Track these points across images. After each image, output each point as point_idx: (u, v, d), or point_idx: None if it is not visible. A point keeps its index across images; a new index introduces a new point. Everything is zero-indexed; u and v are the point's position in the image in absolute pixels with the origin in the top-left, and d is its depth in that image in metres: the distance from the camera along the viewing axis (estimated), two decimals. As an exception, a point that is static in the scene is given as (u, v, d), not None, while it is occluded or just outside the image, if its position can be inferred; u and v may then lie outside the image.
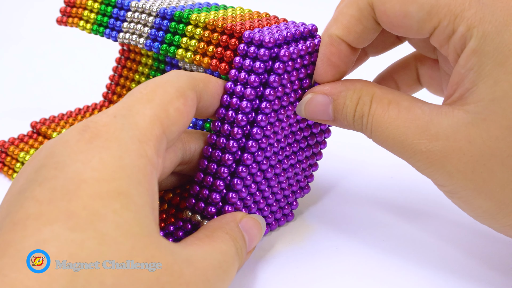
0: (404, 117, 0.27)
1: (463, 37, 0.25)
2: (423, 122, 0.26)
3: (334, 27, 0.28)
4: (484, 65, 0.25)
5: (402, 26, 0.27)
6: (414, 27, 0.26)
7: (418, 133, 0.26)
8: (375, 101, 0.28)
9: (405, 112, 0.27)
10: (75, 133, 0.23)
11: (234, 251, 0.26)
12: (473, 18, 0.25)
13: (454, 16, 0.25)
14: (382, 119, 0.27)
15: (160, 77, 0.26)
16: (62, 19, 0.40)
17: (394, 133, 0.27)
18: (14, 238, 0.20)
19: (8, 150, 0.40)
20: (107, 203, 0.21)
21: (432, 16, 0.26)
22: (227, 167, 0.29)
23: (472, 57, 0.25)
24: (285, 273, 0.30)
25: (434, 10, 0.26)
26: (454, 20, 0.25)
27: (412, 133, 0.26)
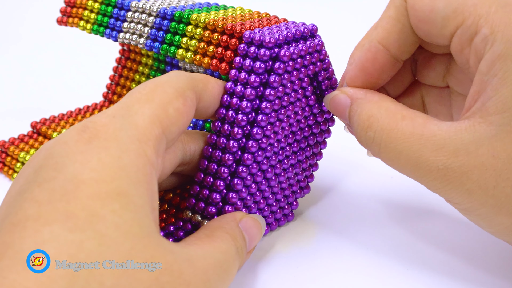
0: (419, 133, 0.26)
1: (486, 40, 0.24)
2: (440, 139, 0.25)
3: (375, 32, 0.28)
4: (510, 70, 0.24)
5: (427, 21, 0.26)
6: (439, 23, 0.26)
7: (435, 150, 0.25)
8: (387, 115, 0.27)
9: (420, 128, 0.26)
10: (74, 133, 0.23)
11: (234, 251, 0.26)
12: (498, 22, 0.24)
13: (479, 17, 0.25)
14: (395, 134, 0.26)
15: (159, 77, 0.26)
16: (62, 19, 0.40)
17: (408, 150, 0.26)
18: (13, 239, 0.20)
19: (8, 150, 0.40)
20: (106, 203, 0.21)
21: (457, 14, 0.25)
22: (227, 167, 0.29)
23: (497, 62, 0.24)
24: (285, 273, 0.30)
25: (460, 8, 0.25)
26: (478, 20, 0.25)
27: (428, 150, 0.25)
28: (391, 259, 0.31)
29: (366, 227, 0.34)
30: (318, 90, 0.32)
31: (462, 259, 0.31)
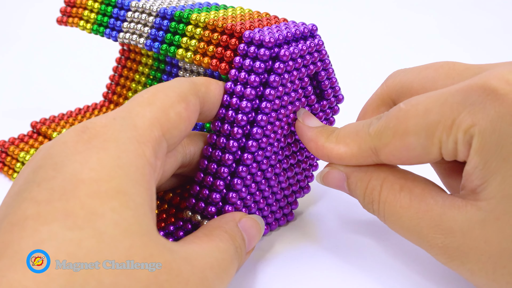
0: (416, 206, 0.26)
1: (466, 142, 0.24)
2: (436, 214, 0.25)
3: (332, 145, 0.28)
4: (489, 162, 0.24)
5: (410, 158, 0.26)
6: (422, 154, 0.25)
7: (433, 226, 0.25)
8: (385, 187, 0.27)
9: (417, 201, 0.26)
10: (73, 134, 0.23)
11: (233, 250, 0.26)
12: (466, 120, 0.24)
13: (449, 128, 0.24)
14: (394, 208, 0.26)
15: (162, 83, 0.26)
16: (62, 19, 0.41)
17: (408, 224, 0.26)
18: (12, 239, 0.20)
19: (8, 150, 0.40)
20: (106, 201, 0.21)
21: (431, 138, 0.25)
22: (227, 167, 0.29)
23: (475, 156, 0.24)
24: (285, 273, 0.30)
25: (429, 131, 0.25)
26: (450, 132, 0.24)
27: (426, 225, 0.25)
28: (391, 259, 0.31)
29: (366, 227, 0.34)
30: (318, 90, 0.32)
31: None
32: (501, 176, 0.23)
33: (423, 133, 0.25)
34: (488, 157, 0.24)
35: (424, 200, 0.26)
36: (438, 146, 0.25)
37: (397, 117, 0.26)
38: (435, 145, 0.25)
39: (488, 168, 0.24)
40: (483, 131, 0.23)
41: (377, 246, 0.32)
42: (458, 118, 0.24)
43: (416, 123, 0.25)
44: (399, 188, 0.27)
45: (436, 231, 0.25)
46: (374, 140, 0.27)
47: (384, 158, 0.27)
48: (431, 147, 0.25)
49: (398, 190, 0.27)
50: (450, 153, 0.25)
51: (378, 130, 0.27)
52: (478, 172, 0.24)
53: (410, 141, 0.25)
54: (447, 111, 0.24)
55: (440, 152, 0.25)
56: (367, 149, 0.27)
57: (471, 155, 0.24)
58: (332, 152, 0.29)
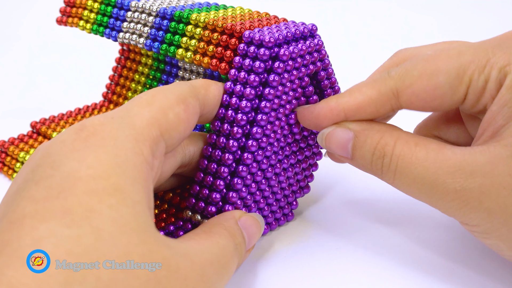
0: (433, 157, 0.26)
1: (497, 80, 0.25)
2: (455, 161, 0.25)
3: (345, 99, 0.28)
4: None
5: (434, 99, 0.26)
6: (448, 94, 0.26)
7: (451, 172, 0.25)
8: (400, 142, 0.27)
9: (434, 153, 0.26)
10: (71, 132, 0.23)
11: (232, 246, 0.26)
12: (502, 60, 0.25)
13: (483, 67, 0.25)
14: (409, 160, 0.26)
15: (162, 86, 0.27)
16: (62, 19, 0.40)
17: (424, 173, 0.26)
18: (11, 237, 0.20)
19: (8, 150, 0.40)
20: (103, 199, 0.21)
21: (461, 78, 0.26)
22: (227, 166, 0.29)
23: (506, 93, 0.25)
24: (285, 273, 0.30)
25: (461, 71, 0.26)
26: (483, 70, 0.25)
27: (444, 173, 0.25)
28: (390, 259, 0.31)
29: (365, 227, 0.34)
30: (318, 90, 0.32)
31: (464, 259, 0.31)
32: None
33: (454, 72, 0.26)
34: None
35: (441, 151, 0.26)
36: (466, 85, 0.26)
37: (426, 60, 0.27)
38: (464, 83, 0.26)
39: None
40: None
41: (377, 246, 0.32)
42: (494, 57, 0.25)
43: (447, 63, 0.26)
44: (414, 144, 0.26)
45: (454, 176, 0.25)
46: (397, 82, 0.27)
47: (406, 99, 0.27)
48: (460, 86, 0.26)
49: (413, 145, 0.26)
50: (477, 93, 0.26)
51: (402, 72, 0.27)
52: (507, 110, 0.24)
53: (439, 80, 0.26)
54: (482, 53, 0.26)
55: (466, 92, 0.26)
56: (387, 91, 0.27)
57: (501, 92, 0.25)
58: (349, 104, 0.28)
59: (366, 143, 0.28)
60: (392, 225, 0.34)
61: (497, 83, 0.25)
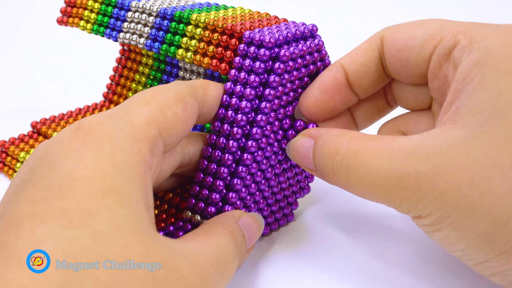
0: (388, 147, 0.25)
1: (463, 50, 0.25)
2: (411, 148, 0.24)
3: (342, 58, 0.30)
4: (486, 76, 0.24)
5: (405, 48, 0.28)
6: (417, 47, 0.27)
7: (406, 157, 0.24)
8: (353, 139, 0.26)
9: (389, 143, 0.25)
10: (69, 132, 0.23)
11: (233, 246, 0.26)
12: (476, 34, 0.25)
13: (457, 32, 0.26)
14: (363, 153, 0.25)
15: (160, 85, 0.27)
16: (63, 19, 0.41)
17: (378, 164, 0.25)
18: (8, 238, 0.20)
19: (8, 150, 0.40)
20: (101, 200, 0.21)
21: (435, 36, 0.27)
22: (227, 167, 0.29)
23: (474, 69, 0.24)
24: (285, 273, 0.30)
25: (438, 30, 0.27)
26: (456, 35, 0.26)
27: (398, 160, 0.24)
28: (391, 259, 0.31)
29: (365, 227, 0.34)
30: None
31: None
32: (496, 91, 0.24)
33: (432, 29, 0.27)
34: (486, 71, 0.24)
35: (396, 140, 0.25)
36: (435, 44, 0.27)
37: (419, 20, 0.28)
38: (434, 42, 0.27)
39: (482, 82, 0.24)
40: (490, 46, 0.25)
41: (378, 246, 0.32)
42: (471, 30, 0.26)
43: (431, 22, 0.28)
44: (368, 139, 0.26)
45: (409, 161, 0.24)
46: (385, 30, 0.29)
47: (386, 45, 0.28)
48: (430, 43, 0.27)
49: (367, 140, 0.26)
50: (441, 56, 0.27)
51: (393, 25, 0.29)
52: (471, 87, 0.24)
53: (416, 32, 0.27)
54: (464, 23, 0.27)
55: (432, 52, 0.27)
56: (376, 38, 0.29)
57: (467, 67, 0.25)
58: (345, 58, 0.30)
59: (322, 147, 0.27)
60: (392, 225, 0.34)
61: (461, 52, 0.25)
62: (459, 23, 0.27)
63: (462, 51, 0.25)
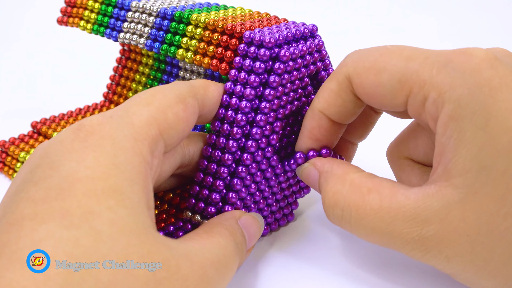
0: (387, 206, 0.25)
1: (435, 103, 0.24)
2: (410, 209, 0.24)
3: (316, 101, 0.29)
4: (463, 131, 0.23)
5: (377, 96, 0.26)
6: (388, 96, 0.26)
7: (407, 221, 0.24)
8: (353, 190, 0.26)
9: (388, 200, 0.25)
10: (70, 132, 0.23)
11: (233, 246, 0.26)
12: (443, 83, 0.24)
13: (424, 83, 0.24)
14: (363, 210, 0.25)
15: (160, 86, 0.27)
16: (63, 19, 0.41)
17: (380, 225, 0.25)
18: (10, 239, 0.20)
19: (8, 150, 0.40)
20: (102, 200, 0.21)
21: (403, 84, 0.25)
22: (226, 167, 0.29)
23: (450, 123, 0.24)
24: (285, 273, 0.30)
25: (404, 78, 0.25)
26: (424, 86, 0.24)
27: (400, 222, 0.24)
28: (391, 259, 0.31)
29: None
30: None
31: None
32: (477, 146, 0.23)
33: (397, 75, 0.25)
34: (463, 125, 0.23)
35: (394, 198, 0.25)
36: (406, 94, 0.25)
37: (380, 53, 0.26)
38: (404, 92, 0.25)
39: (462, 137, 0.23)
40: (461, 97, 0.23)
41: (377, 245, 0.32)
42: (436, 77, 0.24)
43: (395, 64, 0.25)
44: (367, 191, 0.26)
45: (411, 225, 0.24)
46: (350, 69, 0.27)
47: (355, 88, 0.27)
48: (400, 91, 0.25)
49: (366, 193, 0.26)
50: (416, 107, 0.25)
51: (356, 59, 0.27)
52: (453, 142, 0.24)
53: (383, 79, 0.25)
54: (427, 67, 0.24)
55: (406, 101, 0.25)
56: (344, 79, 0.27)
57: (444, 121, 0.24)
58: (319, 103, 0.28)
59: (323, 187, 0.28)
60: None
61: (434, 106, 0.24)
62: (424, 65, 0.25)
63: (434, 105, 0.24)
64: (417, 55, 0.25)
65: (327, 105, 0.28)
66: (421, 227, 0.24)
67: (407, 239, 0.25)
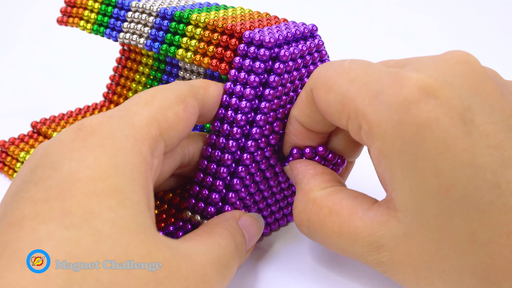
0: (346, 231, 0.26)
1: (367, 135, 0.24)
2: (366, 235, 0.25)
3: (293, 106, 0.29)
4: (394, 169, 0.23)
5: (327, 113, 0.26)
6: (335, 116, 0.26)
7: (366, 246, 0.25)
8: (315, 211, 0.27)
9: (347, 225, 0.26)
10: (70, 132, 0.23)
11: (233, 246, 0.26)
12: (372, 116, 0.23)
13: (357, 111, 0.24)
14: (326, 233, 0.26)
15: (161, 86, 0.27)
16: (63, 19, 0.41)
17: (344, 245, 0.26)
18: (10, 239, 0.20)
19: (8, 150, 0.40)
20: (102, 200, 0.21)
21: (343, 107, 0.25)
22: (226, 167, 0.29)
23: (381, 158, 0.24)
24: (285, 273, 0.30)
25: (344, 101, 0.25)
26: (357, 115, 0.24)
27: (359, 246, 0.25)
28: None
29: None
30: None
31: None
32: (409, 187, 0.23)
33: (340, 97, 0.25)
34: (393, 163, 0.23)
35: (352, 223, 0.25)
36: (346, 118, 0.25)
37: (334, 70, 0.25)
38: (345, 115, 0.25)
39: (394, 175, 0.23)
40: (386, 135, 0.23)
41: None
42: (368, 108, 0.24)
43: (341, 85, 0.25)
44: (328, 212, 0.26)
45: (369, 250, 0.25)
46: (311, 82, 0.27)
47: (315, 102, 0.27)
48: (342, 114, 0.25)
49: (327, 215, 0.26)
50: (355, 132, 0.25)
51: (316, 74, 0.27)
52: (388, 177, 0.24)
53: (331, 98, 0.25)
54: (362, 94, 0.24)
55: (347, 124, 0.25)
56: (309, 90, 0.27)
57: (376, 156, 0.24)
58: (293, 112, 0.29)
59: (293, 204, 0.28)
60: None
61: (366, 138, 0.24)
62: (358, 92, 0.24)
63: (366, 136, 0.24)
64: (359, 78, 0.24)
65: (298, 112, 0.29)
66: (377, 252, 0.25)
67: (367, 261, 0.26)
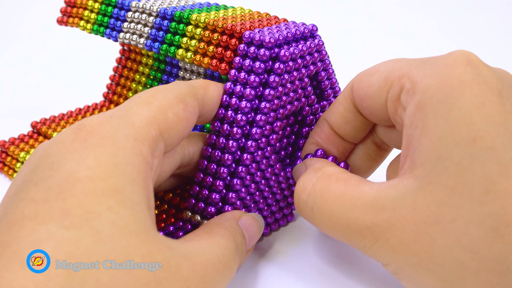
0: (350, 194, 0.25)
1: (408, 93, 0.25)
2: (370, 197, 0.25)
3: (326, 112, 0.31)
4: (428, 119, 0.23)
5: (366, 97, 0.27)
6: (376, 95, 0.27)
7: (364, 208, 0.24)
8: (322, 178, 0.27)
9: (351, 188, 0.25)
10: (70, 133, 0.23)
11: (233, 246, 0.26)
12: (417, 74, 0.25)
13: (402, 76, 0.26)
14: (327, 196, 0.26)
15: (161, 86, 0.27)
16: (63, 19, 0.41)
17: (339, 210, 0.25)
18: (10, 239, 0.20)
19: (8, 150, 0.40)
20: (102, 200, 0.21)
21: (387, 81, 0.26)
22: (226, 167, 0.29)
23: (417, 113, 0.24)
24: (285, 273, 0.30)
25: (388, 75, 0.26)
26: (401, 78, 0.26)
27: (358, 209, 0.25)
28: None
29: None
30: (318, 90, 0.32)
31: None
32: (437, 135, 0.23)
33: (384, 74, 0.27)
34: (427, 114, 0.24)
35: (359, 187, 0.25)
36: (387, 90, 0.26)
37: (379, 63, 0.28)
38: (387, 87, 0.26)
39: (425, 126, 0.24)
40: (429, 87, 0.24)
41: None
42: (414, 69, 0.25)
43: (384, 66, 0.27)
44: (336, 179, 0.26)
45: (366, 212, 0.24)
46: (355, 79, 0.29)
47: (354, 97, 0.29)
48: (384, 89, 0.27)
49: (334, 181, 0.26)
50: (393, 102, 0.26)
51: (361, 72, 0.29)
52: (418, 132, 0.24)
53: (373, 79, 0.27)
54: (410, 62, 0.26)
55: (386, 97, 0.27)
56: (348, 88, 0.29)
57: (411, 111, 0.24)
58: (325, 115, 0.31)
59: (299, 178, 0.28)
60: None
61: (406, 96, 0.25)
62: (408, 63, 0.26)
63: (407, 95, 0.25)
64: (407, 59, 0.27)
65: (330, 113, 0.30)
66: (375, 214, 0.24)
67: (360, 226, 0.25)
